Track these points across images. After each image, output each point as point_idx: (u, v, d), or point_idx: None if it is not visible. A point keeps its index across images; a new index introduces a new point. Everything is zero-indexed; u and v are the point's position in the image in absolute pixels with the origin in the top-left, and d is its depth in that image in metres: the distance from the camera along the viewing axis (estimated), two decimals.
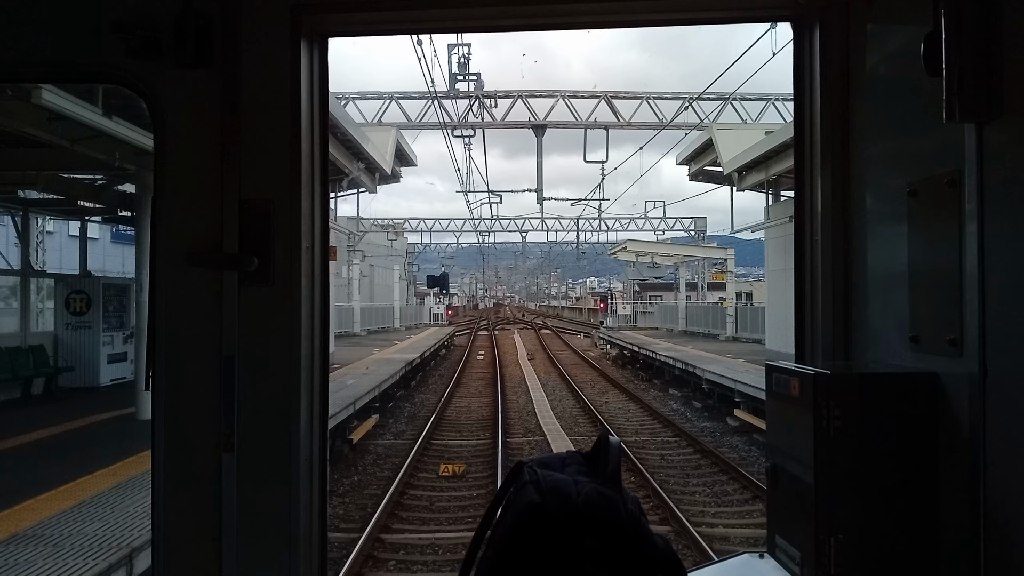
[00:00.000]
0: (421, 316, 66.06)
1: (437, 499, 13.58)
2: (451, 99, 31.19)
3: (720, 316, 38.04)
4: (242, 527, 1.97)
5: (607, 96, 31.97)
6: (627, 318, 56.72)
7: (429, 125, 32.96)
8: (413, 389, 27.87)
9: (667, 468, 15.94)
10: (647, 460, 16.33)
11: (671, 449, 17.76)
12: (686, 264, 48.73)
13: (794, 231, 2.24)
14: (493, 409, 22.89)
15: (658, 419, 21.61)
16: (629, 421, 21.60)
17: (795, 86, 2.20)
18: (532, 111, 33.01)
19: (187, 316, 2.00)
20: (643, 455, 16.82)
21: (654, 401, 25.28)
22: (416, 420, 21.62)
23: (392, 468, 15.59)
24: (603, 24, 2.39)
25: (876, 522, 1.70)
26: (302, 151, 2.03)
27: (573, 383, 28.77)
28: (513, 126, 33.53)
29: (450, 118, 31.82)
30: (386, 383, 22.10)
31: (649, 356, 31.96)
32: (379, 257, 55.82)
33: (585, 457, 1.21)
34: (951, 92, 1.49)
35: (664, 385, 28.82)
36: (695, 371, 24.36)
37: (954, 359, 1.62)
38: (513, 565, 1.08)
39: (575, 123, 33.21)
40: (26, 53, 2.06)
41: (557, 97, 32.58)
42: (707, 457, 16.60)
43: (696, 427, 20.59)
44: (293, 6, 2.01)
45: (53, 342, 20.07)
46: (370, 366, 25.35)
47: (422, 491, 14.09)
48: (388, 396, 23.04)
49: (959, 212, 1.59)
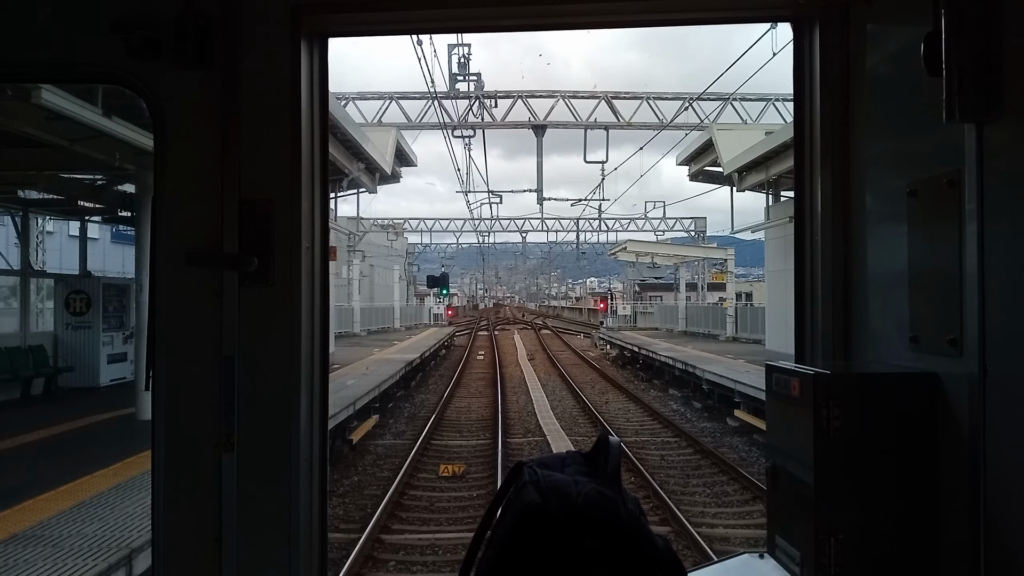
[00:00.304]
0: (421, 316, 66.05)
1: (437, 499, 13.57)
2: (451, 99, 31.27)
3: (720, 316, 38.06)
4: (242, 527, 1.97)
5: (607, 96, 32.01)
6: (627, 318, 56.62)
7: (429, 125, 33.02)
8: (413, 389, 27.85)
9: (667, 468, 15.93)
10: (647, 460, 16.32)
11: (671, 449, 17.76)
12: (686, 264, 48.66)
13: (794, 231, 2.24)
14: (493, 409, 22.85)
15: (658, 419, 21.60)
16: (629, 421, 21.59)
17: (795, 86, 2.20)
18: (532, 111, 33.10)
19: (187, 316, 2.00)
20: (643, 455, 16.82)
21: (654, 401, 25.27)
22: (416, 420, 21.60)
23: (392, 468, 15.57)
24: (603, 24, 2.39)
25: (876, 522, 1.70)
26: (302, 151, 2.03)
27: (573, 383, 28.74)
28: (513, 126, 33.59)
29: (450, 118, 31.90)
30: (386, 383, 22.09)
31: (649, 356, 31.96)
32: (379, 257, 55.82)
33: (585, 457, 1.21)
34: (951, 92, 1.49)
35: (664, 385, 28.80)
36: (695, 371, 24.37)
37: (954, 359, 1.62)
38: (513, 565, 1.08)
39: (575, 123, 33.22)
40: (26, 53, 2.06)
41: (557, 97, 32.61)
42: (707, 457, 16.61)
43: (696, 427, 20.58)
44: (293, 6, 2.01)
45: (53, 342, 20.06)
46: (370, 366, 25.35)
47: (422, 491, 14.08)
48: (388, 396, 23.02)
49: (959, 212, 1.59)
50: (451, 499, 13.61)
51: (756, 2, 2.29)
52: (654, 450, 17.70)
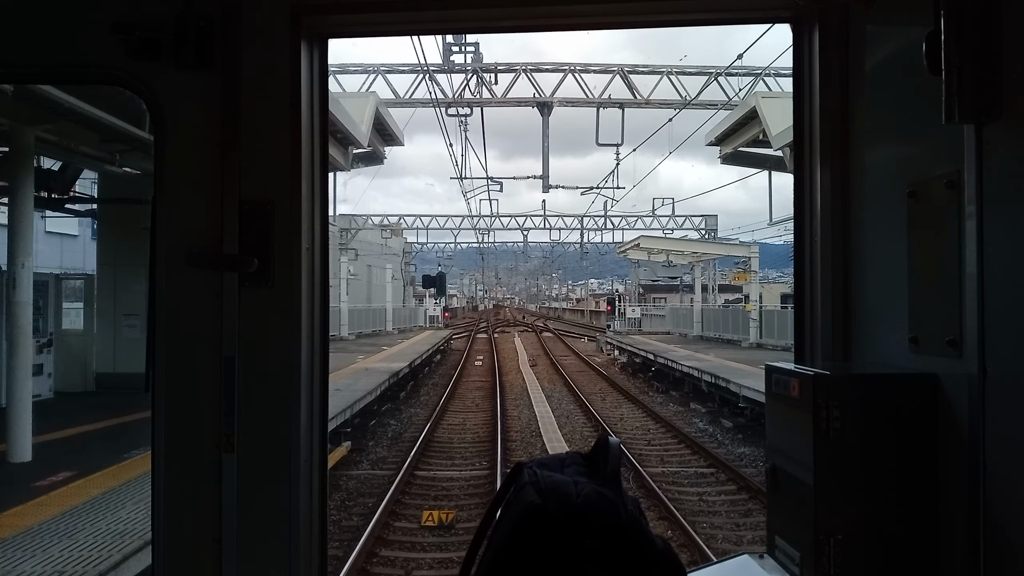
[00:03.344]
0: (417, 318, 63.05)
1: (416, 564, 10.32)
2: (445, 73, 27.67)
3: (742, 320, 34.43)
4: (242, 527, 1.99)
5: (622, 70, 28.26)
6: (635, 322, 53.50)
7: (420, 102, 29.09)
8: (401, 402, 24.68)
9: (709, 514, 12.70)
10: (681, 502, 13.10)
11: (708, 485, 14.52)
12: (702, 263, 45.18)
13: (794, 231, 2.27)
14: (491, 428, 19.78)
15: (684, 442, 18.39)
16: (651, 445, 18.39)
17: (795, 87, 2.23)
18: (537, 86, 29.24)
19: (187, 317, 2.02)
20: (675, 494, 13.58)
21: (676, 418, 22.06)
22: (400, 443, 18.41)
23: (362, 514, 12.37)
24: (602, 25, 2.45)
25: (876, 522, 1.71)
26: (302, 152, 2.05)
27: (581, 394, 25.67)
28: (515, 103, 29.45)
29: (444, 95, 28.29)
30: (363, 401, 18.87)
31: (667, 366, 28.65)
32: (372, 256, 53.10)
33: (585, 458, 1.21)
34: (950, 93, 1.50)
35: (683, 398, 25.62)
36: (728, 386, 21.00)
37: (953, 360, 1.63)
38: (513, 566, 1.08)
39: (586, 100, 29.25)
40: (26, 53, 2.09)
41: (566, 71, 28.80)
42: (757, 499, 13.25)
43: (732, 453, 17.33)
44: (293, 7, 2.03)
45: None
46: (349, 378, 22.10)
47: (398, 550, 10.85)
48: (368, 414, 19.85)
49: (958, 213, 1.60)
50: (435, 562, 10.39)
51: (756, 3, 2.32)
52: (688, 486, 14.47)
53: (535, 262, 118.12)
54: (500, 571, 1.08)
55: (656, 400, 26.15)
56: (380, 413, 21.65)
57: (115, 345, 17.24)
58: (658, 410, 23.31)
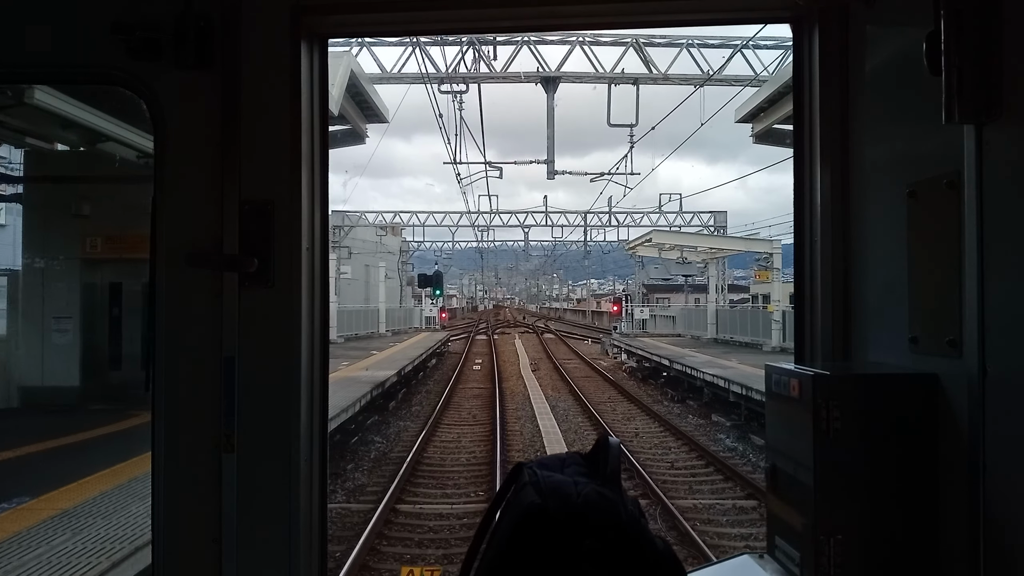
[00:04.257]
0: (412, 320, 60.52)
1: None
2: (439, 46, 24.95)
3: (763, 322, 31.71)
4: (242, 527, 2.00)
5: (636, 41, 25.33)
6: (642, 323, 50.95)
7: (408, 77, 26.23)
8: (389, 414, 22.10)
9: None
10: (724, 548, 10.50)
11: (754, 526, 11.92)
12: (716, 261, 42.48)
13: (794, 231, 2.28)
14: (489, 445, 17.30)
15: (713, 464, 15.82)
16: (675, 468, 15.82)
17: (795, 87, 2.24)
18: (542, 60, 26.43)
19: (187, 317, 2.03)
20: (713, 537, 10.99)
21: (698, 433, 19.51)
22: (384, 465, 15.85)
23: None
24: (602, 25, 2.53)
25: (876, 522, 1.71)
26: (302, 152, 2.06)
27: (588, 404, 23.18)
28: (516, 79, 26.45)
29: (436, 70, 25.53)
30: (338, 418, 16.28)
31: (685, 373, 26.04)
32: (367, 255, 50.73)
33: (585, 458, 1.21)
34: (950, 93, 1.50)
35: (703, 409, 23.06)
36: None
37: (953, 360, 1.63)
38: (513, 565, 1.08)
39: (595, 75, 26.41)
40: (26, 53, 2.10)
41: (573, 43, 25.95)
42: None
43: None
44: (293, 7, 2.04)
45: None
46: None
47: None
48: (346, 431, 17.27)
49: (958, 213, 1.60)
50: None
51: (756, 3, 2.34)
52: (727, 525, 11.89)
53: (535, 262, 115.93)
54: (500, 571, 1.09)
55: (674, 411, 23.57)
56: (365, 428, 19.10)
57: (43, 353, 14.58)
58: (676, 422, 20.75)
